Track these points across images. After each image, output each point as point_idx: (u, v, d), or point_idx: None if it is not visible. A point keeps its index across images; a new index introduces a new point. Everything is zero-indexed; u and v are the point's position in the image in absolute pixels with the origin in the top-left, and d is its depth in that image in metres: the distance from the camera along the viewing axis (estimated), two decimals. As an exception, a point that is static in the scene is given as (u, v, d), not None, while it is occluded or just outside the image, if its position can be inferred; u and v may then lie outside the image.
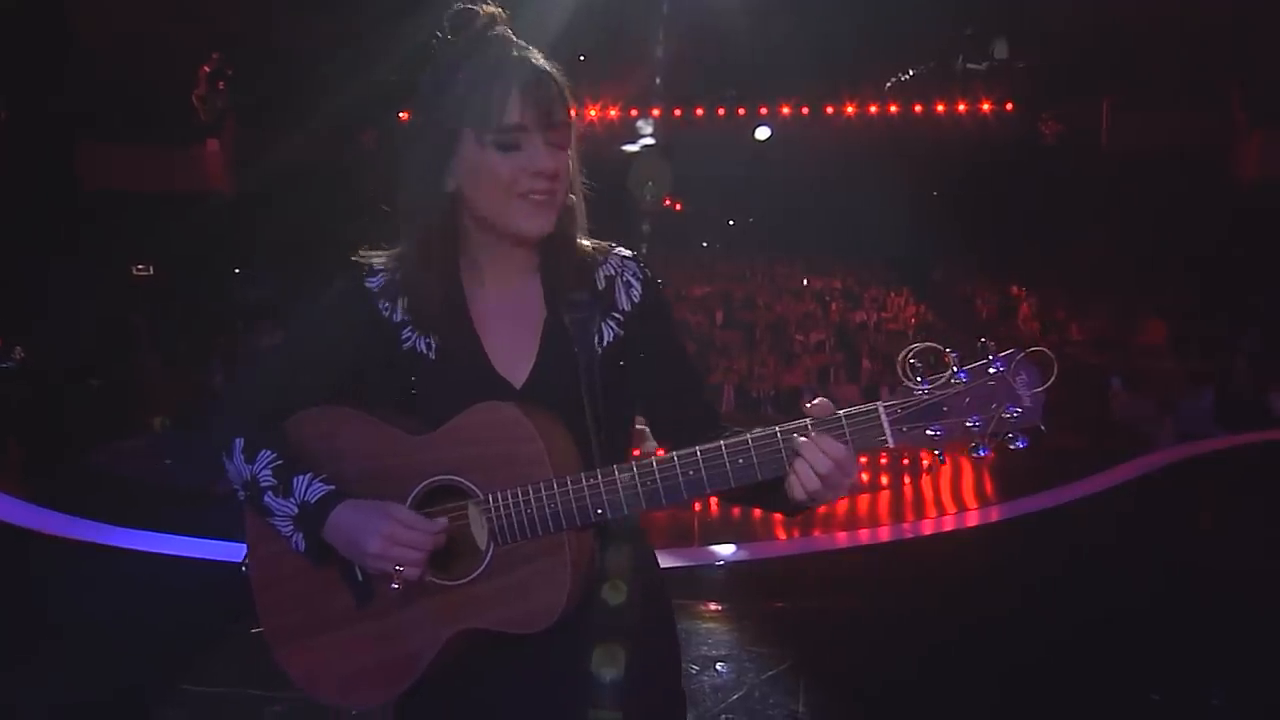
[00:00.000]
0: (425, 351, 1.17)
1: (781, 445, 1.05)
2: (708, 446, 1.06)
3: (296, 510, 1.09)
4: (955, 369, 1.02)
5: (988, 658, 3.34)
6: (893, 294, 14.73)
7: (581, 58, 12.93)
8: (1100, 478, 6.36)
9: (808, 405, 1.06)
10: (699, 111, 14.61)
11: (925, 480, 7.32)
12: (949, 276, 15.23)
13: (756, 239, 16.93)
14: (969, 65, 13.24)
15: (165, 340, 11.48)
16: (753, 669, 3.24)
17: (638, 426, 1.28)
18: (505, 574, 1.07)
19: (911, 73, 13.73)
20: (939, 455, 1.03)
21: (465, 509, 1.09)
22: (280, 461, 1.12)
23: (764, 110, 14.63)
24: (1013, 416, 1.01)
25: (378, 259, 1.22)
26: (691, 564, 4.55)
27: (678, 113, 14.40)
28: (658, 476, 1.05)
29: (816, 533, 5.29)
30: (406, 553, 1.05)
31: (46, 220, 10.20)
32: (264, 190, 11.62)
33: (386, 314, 1.19)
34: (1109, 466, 6.64)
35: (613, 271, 1.24)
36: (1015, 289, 13.64)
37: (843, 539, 4.97)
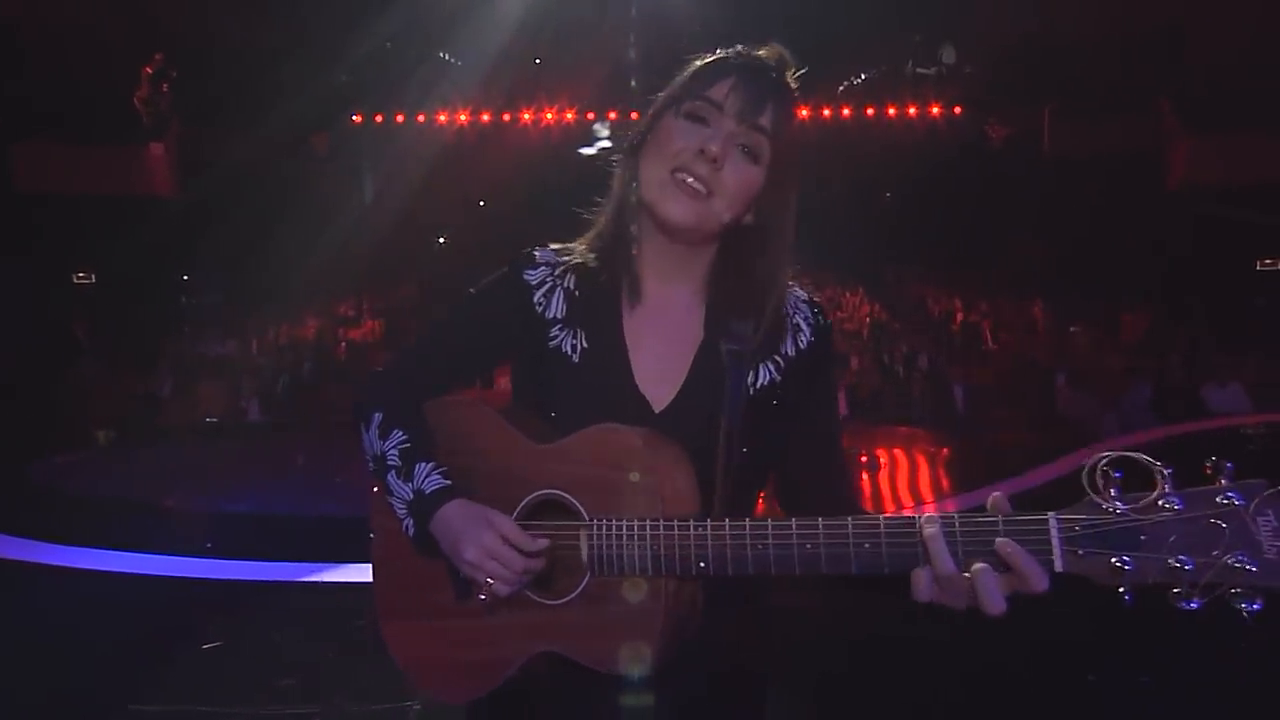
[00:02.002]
0: (569, 353, 1.12)
1: (918, 540, 0.88)
2: (832, 521, 0.93)
3: (412, 497, 1.07)
4: (1167, 489, 0.80)
5: (935, 648, 3.43)
6: (847, 294, 15.00)
7: (538, 60, 12.96)
8: (1047, 469, 6.58)
9: (993, 499, 0.88)
10: (655, 115, 14.65)
11: (881, 475, 7.48)
12: (901, 276, 15.57)
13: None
14: (919, 70, 13.58)
15: (109, 350, 11.12)
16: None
17: None
18: (597, 606, 1.02)
19: (863, 77, 14.02)
20: (1125, 595, 0.81)
21: (575, 528, 1.04)
22: (408, 444, 1.10)
23: (720, 113, 14.77)
24: (1244, 568, 0.76)
25: (543, 251, 1.18)
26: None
27: (635, 115, 14.48)
28: (770, 541, 0.94)
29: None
30: (499, 569, 1.01)
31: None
32: (210, 195, 11.33)
33: (540, 309, 1.14)
34: (1055, 458, 6.88)
35: (786, 311, 1.15)
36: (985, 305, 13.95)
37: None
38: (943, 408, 10.65)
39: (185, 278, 13.24)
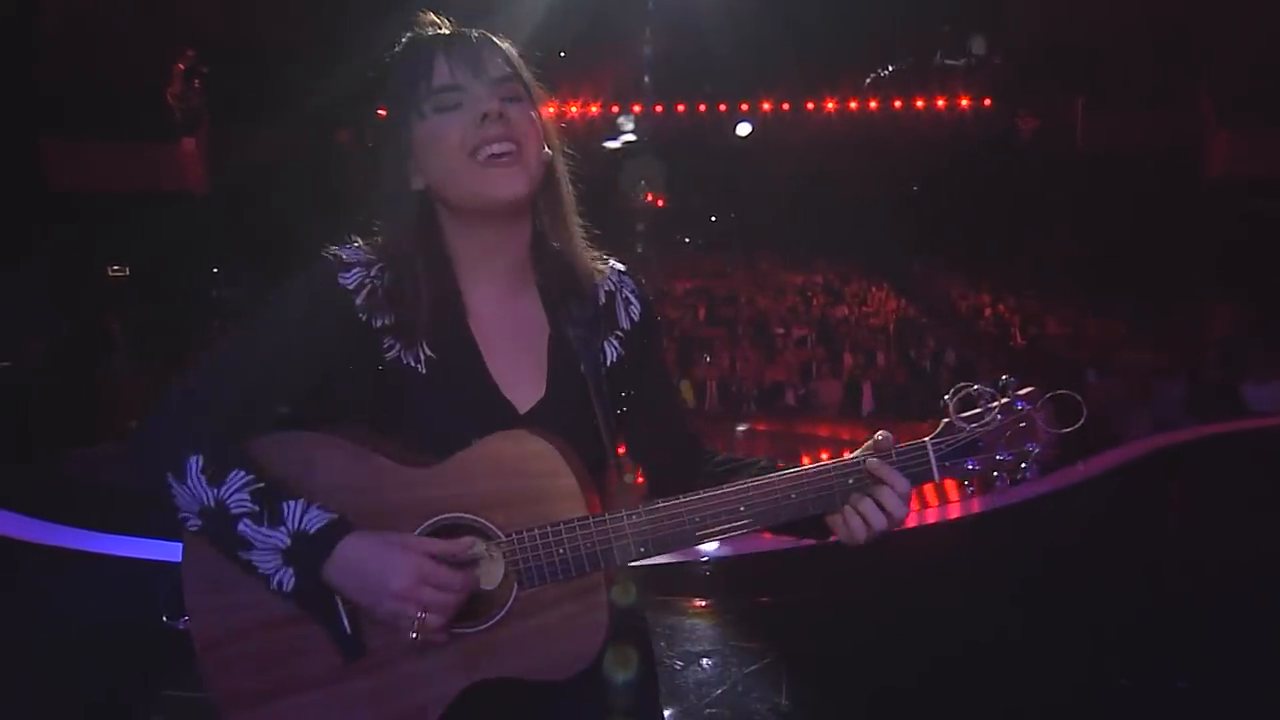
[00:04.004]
0: (414, 365, 1.02)
1: (835, 480, 1.02)
2: (760, 481, 1.01)
3: (288, 542, 0.91)
4: (991, 406, 1.05)
5: (967, 648, 3.38)
6: (874, 288, 14.85)
7: (562, 54, 12.94)
8: (1078, 469, 6.46)
9: (877, 437, 1.05)
10: (680, 108, 14.64)
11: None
12: (928, 270, 15.38)
13: (738, 235, 17.00)
14: (947, 61, 13.39)
15: (141, 343, 11.33)
16: (736, 663, 3.27)
17: None
18: (531, 618, 0.98)
19: (891, 69, 13.85)
20: (968, 487, 1.08)
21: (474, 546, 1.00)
22: (261, 484, 0.93)
23: (745, 106, 14.68)
24: (1033, 450, 1.07)
25: (350, 250, 1.07)
26: (678, 560, 4.57)
27: (659, 109, 14.42)
28: (708, 512, 1.00)
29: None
30: (435, 594, 0.90)
31: (13, 221, 10.02)
32: (240, 189, 11.49)
33: (364, 317, 1.02)
34: (1084, 457, 6.76)
35: (611, 287, 1.15)
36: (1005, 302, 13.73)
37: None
38: (970, 404, 10.49)
39: (215, 271, 13.45)
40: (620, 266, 1.18)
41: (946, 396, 1.06)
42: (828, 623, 3.76)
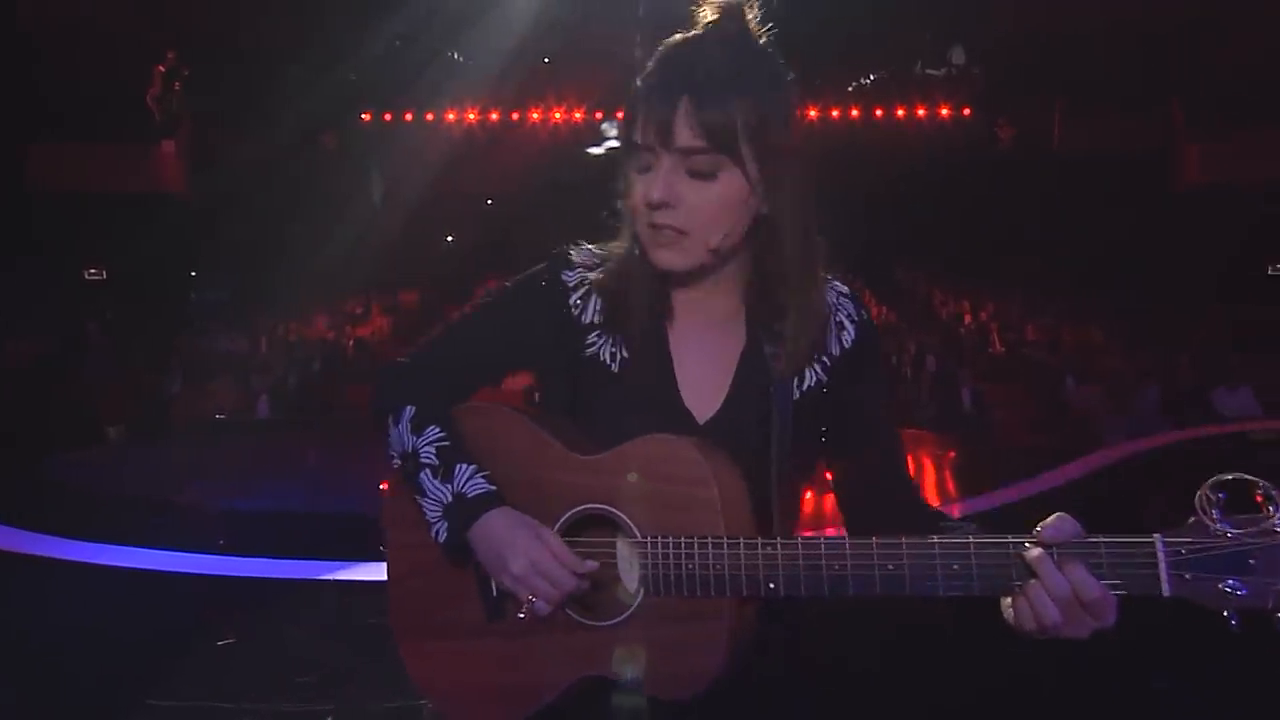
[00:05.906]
0: (608, 362, 1.07)
1: (1012, 561, 0.85)
2: (917, 541, 0.88)
3: (450, 500, 1.00)
4: (1277, 510, 0.79)
5: (972, 655, 3.42)
6: (855, 295, 14.97)
7: (546, 60, 12.97)
8: (1056, 473, 6.56)
9: (1047, 522, 0.86)
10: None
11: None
12: (909, 277, 15.53)
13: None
14: (928, 71, 13.56)
15: (120, 346, 11.19)
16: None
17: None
18: (652, 627, 0.96)
19: (872, 77, 14.01)
20: (1230, 619, 0.80)
21: (621, 544, 0.99)
22: (447, 442, 1.03)
23: (728, 113, 14.75)
24: None
25: (580, 252, 1.11)
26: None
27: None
28: (849, 561, 0.89)
29: (806, 532, 5.35)
30: (546, 586, 0.96)
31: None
32: (220, 192, 11.40)
33: (576, 312, 1.08)
34: (1064, 461, 6.86)
35: (828, 308, 1.09)
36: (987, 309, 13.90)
37: (831, 535, 5.03)
38: (950, 410, 10.62)
39: (193, 274, 13.32)
40: (843, 289, 1.12)
41: (1206, 489, 0.79)
42: (835, 632, 3.78)
